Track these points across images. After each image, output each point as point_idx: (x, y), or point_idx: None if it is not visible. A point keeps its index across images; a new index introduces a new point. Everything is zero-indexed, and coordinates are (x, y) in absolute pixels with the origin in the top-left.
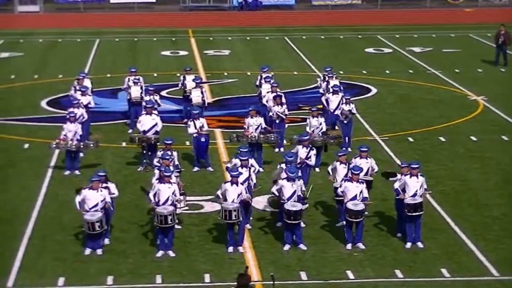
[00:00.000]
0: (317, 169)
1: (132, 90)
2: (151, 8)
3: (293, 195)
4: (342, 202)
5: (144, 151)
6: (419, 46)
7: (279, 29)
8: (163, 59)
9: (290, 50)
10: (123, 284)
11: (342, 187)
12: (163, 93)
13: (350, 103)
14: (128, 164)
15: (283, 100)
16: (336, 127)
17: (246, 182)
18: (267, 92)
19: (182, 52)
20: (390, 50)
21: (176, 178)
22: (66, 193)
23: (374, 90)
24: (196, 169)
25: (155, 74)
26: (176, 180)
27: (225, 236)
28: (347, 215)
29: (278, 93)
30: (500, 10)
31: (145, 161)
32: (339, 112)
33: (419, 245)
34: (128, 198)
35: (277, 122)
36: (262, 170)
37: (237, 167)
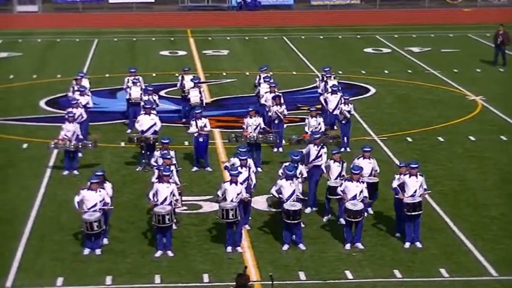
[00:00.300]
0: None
1: (132, 90)
2: (150, 8)
3: (292, 194)
4: (330, 200)
5: (143, 151)
6: (418, 46)
7: (278, 29)
8: (162, 59)
9: (289, 50)
10: (121, 284)
11: (342, 186)
12: (162, 93)
13: (349, 103)
14: (127, 164)
15: (282, 100)
16: (335, 127)
17: (246, 182)
18: (266, 92)
19: (181, 52)
20: (389, 50)
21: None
22: (64, 193)
23: (373, 90)
24: (195, 169)
25: (154, 74)
26: (177, 179)
27: (224, 236)
28: (346, 215)
29: (277, 93)
30: (499, 10)
31: (144, 161)
32: (338, 112)
33: (417, 245)
34: (127, 198)
35: (276, 122)
36: (260, 170)
37: (236, 167)
